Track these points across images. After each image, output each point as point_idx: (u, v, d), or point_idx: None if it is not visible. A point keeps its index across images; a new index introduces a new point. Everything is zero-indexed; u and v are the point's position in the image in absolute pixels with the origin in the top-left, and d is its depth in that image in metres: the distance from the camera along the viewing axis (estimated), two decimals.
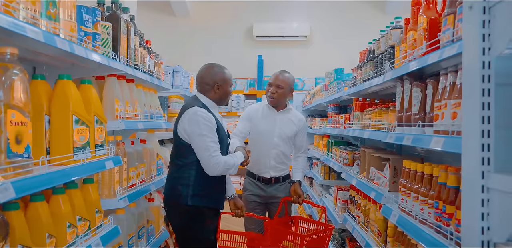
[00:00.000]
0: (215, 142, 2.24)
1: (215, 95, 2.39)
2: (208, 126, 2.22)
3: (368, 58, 2.57)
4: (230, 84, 2.44)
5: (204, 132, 2.20)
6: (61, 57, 1.76)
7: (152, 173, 2.84)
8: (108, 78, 2.15)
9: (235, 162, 2.33)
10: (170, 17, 8.00)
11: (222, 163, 2.22)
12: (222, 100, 2.45)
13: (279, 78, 2.94)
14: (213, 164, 2.21)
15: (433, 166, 1.59)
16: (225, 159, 2.26)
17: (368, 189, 2.32)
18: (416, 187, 1.66)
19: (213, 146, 2.22)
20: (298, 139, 3.06)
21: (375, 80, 2.28)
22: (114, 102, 2.12)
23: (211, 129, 2.23)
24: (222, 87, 2.38)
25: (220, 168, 2.23)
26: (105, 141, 1.96)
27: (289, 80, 2.96)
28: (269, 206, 3.10)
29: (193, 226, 2.31)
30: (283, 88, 2.91)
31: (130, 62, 2.32)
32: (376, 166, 2.45)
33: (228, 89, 2.42)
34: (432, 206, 1.49)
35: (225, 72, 2.43)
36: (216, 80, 2.36)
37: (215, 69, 2.40)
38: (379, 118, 2.32)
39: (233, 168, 2.31)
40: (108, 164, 1.88)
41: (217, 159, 2.21)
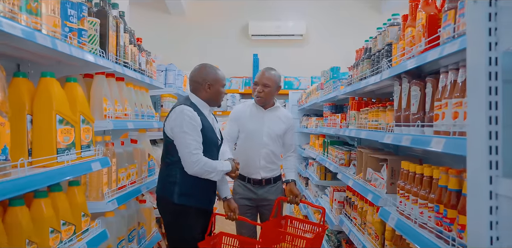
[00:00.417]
0: (197, 141, 2.23)
1: (206, 94, 2.39)
2: (192, 124, 2.22)
3: (365, 56, 2.51)
4: (222, 84, 2.42)
5: (186, 130, 2.21)
6: (45, 54, 1.68)
7: (143, 174, 2.76)
8: (96, 76, 2.08)
9: (219, 167, 2.30)
10: (165, 15, 7.92)
11: (201, 163, 2.22)
12: (213, 100, 2.43)
13: (265, 76, 2.85)
14: (191, 161, 2.21)
15: (433, 168, 1.53)
16: (206, 160, 2.25)
17: (365, 191, 2.26)
18: (415, 190, 1.60)
19: (193, 144, 2.21)
20: (287, 137, 2.99)
21: (372, 79, 2.22)
22: (102, 101, 2.04)
23: (194, 127, 2.23)
24: (213, 86, 2.38)
25: (199, 167, 2.22)
26: (92, 142, 1.88)
27: (275, 77, 2.88)
28: (261, 209, 3.02)
29: (179, 224, 2.33)
30: (269, 86, 2.84)
31: (120, 59, 2.24)
32: (373, 167, 2.39)
33: (219, 89, 2.40)
34: (432, 209, 1.43)
35: (217, 72, 2.42)
36: (207, 79, 2.37)
37: (207, 69, 2.40)
38: (376, 117, 2.26)
39: (216, 173, 2.28)
40: (95, 165, 1.81)
41: (196, 157, 2.21)
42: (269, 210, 3.02)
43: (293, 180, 2.93)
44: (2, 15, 1.17)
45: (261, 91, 2.85)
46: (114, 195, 2.21)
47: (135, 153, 2.65)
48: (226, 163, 2.39)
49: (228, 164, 2.39)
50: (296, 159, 3.09)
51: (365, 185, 2.35)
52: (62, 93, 1.61)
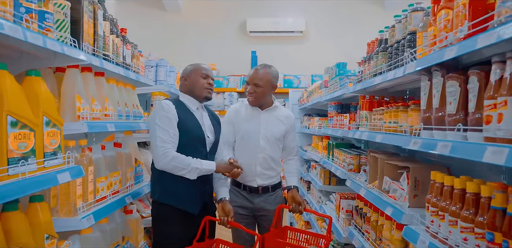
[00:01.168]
0: (168, 134, 2.17)
1: (185, 88, 2.37)
2: (166, 117, 2.18)
3: (380, 49, 2.20)
4: (200, 74, 2.35)
5: (158, 122, 2.17)
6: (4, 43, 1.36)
7: (129, 182, 2.45)
8: (68, 70, 1.76)
9: (194, 164, 2.18)
10: (160, 13, 7.61)
11: (168, 157, 2.14)
12: (194, 92, 2.35)
13: (257, 75, 2.52)
14: (157, 155, 2.15)
15: (478, 183, 1.23)
16: (176, 155, 2.16)
17: (383, 203, 1.96)
18: (454, 209, 1.30)
19: (162, 137, 2.15)
20: (288, 139, 2.68)
21: (390, 74, 1.91)
22: (75, 99, 1.73)
23: (167, 120, 2.17)
24: (190, 77, 2.35)
25: (166, 161, 2.14)
26: (61, 148, 1.57)
27: (269, 75, 2.54)
28: (258, 219, 2.72)
29: (158, 224, 2.32)
30: (261, 86, 2.51)
31: (98, 51, 1.93)
32: (390, 175, 2.08)
33: (196, 78, 2.34)
34: (482, 237, 1.13)
35: (196, 65, 2.40)
36: (185, 73, 2.38)
37: (188, 66, 2.42)
38: (395, 118, 1.95)
39: (189, 170, 2.18)
40: (63, 177, 1.50)
41: (162, 150, 2.14)
42: (268, 221, 2.71)
43: (296, 187, 2.63)
44: None
45: (252, 92, 2.53)
46: (91, 209, 1.89)
47: (119, 159, 2.34)
48: (207, 163, 2.25)
49: (211, 164, 2.27)
50: (298, 163, 2.79)
51: (381, 196, 2.05)
52: (16, 89, 1.30)
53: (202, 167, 2.20)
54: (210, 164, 2.26)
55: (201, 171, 2.21)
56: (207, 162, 2.26)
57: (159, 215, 2.32)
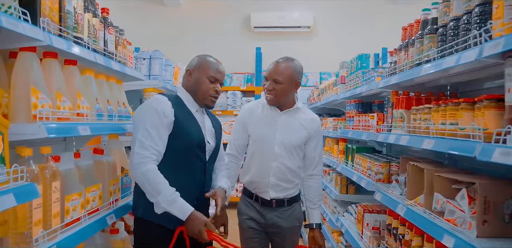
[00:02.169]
0: (152, 138, 1.75)
1: (188, 83, 1.94)
2: (155, 115, 1.76)
3: (425, 32, 1.74)
4: (208, 76, 1.91)
5: (143, 121, 1.77)
6: None
7: (112, 197, 2.00)
8: (21, 53, 1.31)
9: (164, 196, 1.70)
10: (158, 7, 7.20)
11: (141, 169, 1.72)
12: (196, 94, 1.92)
13: (278, 69, 2.14)
14: (131, 161, 1.76)
15: None
16: (151, 169, 1.72)
17: (436, 230, 1.50)
18: None
19: (142, 142, 1.74)
20: (309, 146, 2.25)
21: (448, 60, 1.46)
22: (29, 93, 1.28)
23: (155, 120, 1.76)
24: (196, 73, 1.92)
25: (137, 173, 1.74)
26: (4, 160, 1.13)
27: (292, 70, 2.15)
28: (271, 236, 2.30)
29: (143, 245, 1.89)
30: (282, 83, 2.12)
31: (66, 32, 1.48)
32: (443, 191, 1.63)
33: (202, 79, 1.91)
34: None
35: (208, 61, 1.96)
36: (191, 66, 1.96)
37: (197, 57, 2.00)
38: (453, 119, 1.49)
39: (156, 200, 1.72)
40: (2, 201, 1.05)
41: (138, 159, 1.73)
42: (282, 239, 2.30)
43: (318, 225, 2.26)
44: None
45: (271, 89, 2.14)
46: (56, 237, 1.44)
47: (99, 169, 1.89)
48: (183, 206, 1.72)
49: (185, 209, 1.72)
50: (320, 185, 2.35)
51: (432, 219, 1.59)
52: None
53: (171, 207, 1.71)
54: (184, 209, 1.73)
55: (168, 210, 1.73)
56: (182, 204, 1.73)
57: (144, 235, 1.89)
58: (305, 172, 2.32)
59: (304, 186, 2.34)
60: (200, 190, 1.93)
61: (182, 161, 1.84)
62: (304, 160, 2.28)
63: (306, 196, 2.32)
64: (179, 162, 1.83)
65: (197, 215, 1.75)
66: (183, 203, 1.74)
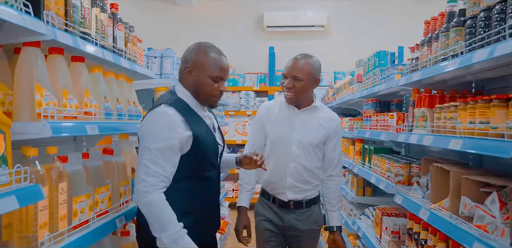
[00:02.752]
0: (159, 164, 1.54)
1: (187, 83, 1.69)
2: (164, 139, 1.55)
3: (452, 24, 1.64)
4: (211, 76, 1.66)
5: (149, 144, 1.55)
6: None
7: (122, 198, 1.93)
8: (24, 48, 1.26)
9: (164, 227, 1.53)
10: (170, 7, 7.19)
11: (147, 199, 1.54)
12: (198, 95, 1.69)
13: (297, 66, 2.06)
14: (136, 189, 1.56)
15: None
16: (158, 200, 1.54)
17: (465, 237, 1.39)
18: None
19: (148, 167, 1.54)
20: (328, 146, 2.18)
21: (479, 54, 1.35)
22: (34, 90, 1.22)
23: (162, 141, 1.55)
24: (197, 71, 1.67)
25: (143, 202, 1.55)
26: (6, 160, 1.07)
27: (311, 67, 2.07)
28: (289, 240, 2.23)
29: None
30: (302, 80, 2.05)
31: (72, 27, 1.42)
32: (470, 194, 1.52)
33: (204, 79, 1.66)
34: None
35: (206, 54, 1.68)
36: (188, 59, 1.68)
37: (195, 48, 1.71)
38: (483, 117, 1.39)
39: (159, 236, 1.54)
40: (4, 204, 0.99)
41: (144, 187, 1.53)
42: (299, 243, 2.23)
43: (339, 228, 2.18)
44: None
45: (291, 87, 2.06)
46: (63, 241, 1.38)
47: (108, 169, 1.83)
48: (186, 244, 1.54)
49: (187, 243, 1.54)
50: (339, 187, 2.26)
51: (459, 224, 1.48)
52: None
53: (176, 246, 1.54)
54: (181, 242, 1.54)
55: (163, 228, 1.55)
56: (188, 244, 1.55)
57: None
58: (324, 173, 2.23)
59: (323, 187, 2.26)
60: (217, 199, 1.84)
61: (200, 174, 1.70)
62: (323, 160, 2.20)
63: (326, 198, 2.24)
64: (196, 176, 1.69)
65: None
66: (189, 242, 1.56)
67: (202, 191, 1.70)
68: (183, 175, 1.63)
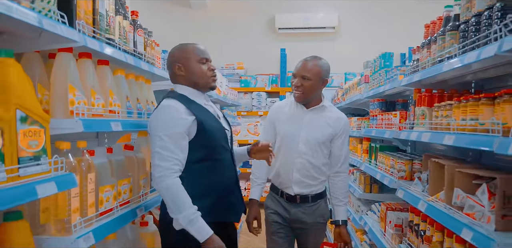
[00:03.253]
0: (169, 149, 1.69)
1: (182, 79, 1.87)
2: (170, 124, 1.71)
3: (447, 28, 1.76)
4: (197, 59, 1.86)
5: (159, 132, 1.71)
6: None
7: (142, 190, 2.10)
8: (59, 54, 1.42)
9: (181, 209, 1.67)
10: (185, 10, 7.37)
11: (164, 184, 1.69)
12: (196, 83, 1.87)
13: (306, 66, 2.21)
14: (153, 175, 1.72)
15: None
16: (174, 184, 1.68)
17: (455, 224, 1.52)
18: None
19: (160, 153, 1.69)
20: (335, 144, 2.29)
21: (469, 56, 1.47)
22: (67, 91, 1.39)
23: (171, 129, 1.71)
24: (184, 64, 1.85)
25: (160, 186, 1.70)
26: (46, 152, 1.23)
27: (319, 68, 2.21)
28: (296, 232, 2.36)
29: None
30: (310, 79, 2.19)
31: (99, 34, 1.59)
32: (463, 187, 1.64)
33: (194, 65, 1.85)
34: None
35: (185, 46, 1.90)
36: (175, 60, 1.86)
37: (173, 49, 1.92)
38: (473, 114, 1.51)
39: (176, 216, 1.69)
40: (45, 188, 1.15)
41: (159, 172, 1.69)
42: (306, 236, 2.35)
43: (345, 222, 2.30)
44: None
45: (299, 85, 2.21)
46: (91, 225, 1.55)
47: (129, 163, 1.99)
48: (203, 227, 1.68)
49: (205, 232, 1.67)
50: (346, 183, 2.37)
51: (452, 213, 1.61)
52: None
53: (191, 227, 1.67)
54: (203, 231, 1.68)
55: (186, 229, 1.69)
56: (202, 226, 1.68)
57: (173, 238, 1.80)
58: (331, 170, 2.34)
59: (330, 183, 2.37)
60: (235, 180, 1.95)
61: (213, 157, 1.83)
62: (330, 158, 2.31)
63: (332, 194, 2.35)
64: (210, 159, 1.83)
65: (215, 239, 1.70)
66: (203, 225, 1.69)
67: (217, 173, 1.83)
68: (196, 158, 1.78)
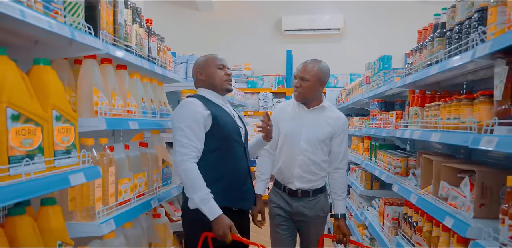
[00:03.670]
0: (188, 137, 1.95)
1: (203, 83, 2.17)
2: (189, 117, 1.96)
3: (435, 35, 1.92)
4: (215, 66, 2.15)
5: (179, 123, 1.97)
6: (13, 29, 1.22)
7: (155, 184, 2.28)
8: (85, 60, 1.61)
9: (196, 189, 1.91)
10: (193, 12, 7.56)
11: (182, 167, 1.93)
12: (214, 85, 2.15)
13: (305, 68, 2.38)
14: (175, 160, 1.98)
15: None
16: (192, 168, 1.93)
17: (440, 213, 1.67)
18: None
19: (180, 141, 1.95)
20: (334, 142, 2.45)
21: (452, 61, 1.63)
22: (92, 93, 1.57)
23: (190, 121, 1.96)
24: (205, 70, 2.15)
25: (179, 169, 1.95)
26: (75, 146, 1.42)
27: (318, 70, 2.37)
28: (298, 225, 2.52)
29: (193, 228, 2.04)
30: (308, 80, 2.35)
31: (119, 41, 1.77)
32: (448, 179, 1.79)
33: (212, 70, 2.14)
34: None
35: (206, 56, 2.22)
36: (197, 67, 2.18)
37: (197, 60, 2.24)
38: (456, 114, 1.67)
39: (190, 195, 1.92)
40: (75, 178, 1.34)
41: (180, 157, 1.93)
42: (307, 228, 2.51)
43: (343, 215, 2.45)
44: None
45: (298, 86, 2.38)
46: (112, 213, 1.73)
47: (144, 159, 2.18)
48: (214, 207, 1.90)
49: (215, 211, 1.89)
50: (344, 178, 2.52)
51: (438, 204, 1.76)
52: (19, 77, 1.14)
53: (203, 206, 1.89)
54: (214, 211, 1.89)
55: (199, 208, 1.91)
56: (213, 206, 1.90)
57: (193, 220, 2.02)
58: (331, 166, 2.49)
59: (330, 179, 2.53)
60: (247, 172, 2.17)
61: (227, 148, 2.06)
62: (330, 155, 2.47)
63: (332, 189, 2.51)
64: (224, 149, 2.05)
65: (224, 218, 1.89)
66: (214, 205, 1.90)
67: (229, 163, 2.06)
68: (211, 148, 2.01)
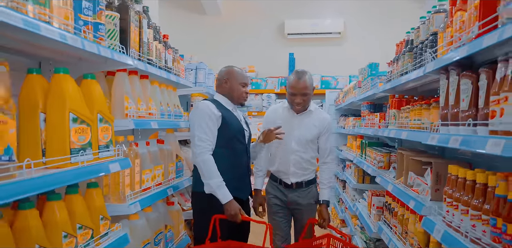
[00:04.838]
0: (206, 133, 2.29)
1: (224, 89, 2.50)
2: (205, 116, 2.30)
3: (406, 49, 2.28)
4: (239, 81, 2.48)
5: (197, 121, 2.30)
6: (60, 50, 1.60)
7: (170, 176, 2.67)
8: (118, 73, 1.99)
9: (214, 182, 2.26)
10: (200, 16, 7.92)
11: (200, 158, 2.27)
12: (232, 97, 2.50)
13: (305, 85, 2.62)
14: (193, 151, 2.32)
15: (487, 174, 1.31)
16: (209, 159, 2.27)
17: (406, 197, 2.04)
18: (466, 199, 1.38)
19: (199, 136, 2.28)
20: (321, 140, 2.80)
21: (414, 73, 2.00)
22: (123, 99, 1.95)
23: (206, 120, 2.30)
24: (230, 80, 2.48)
25: (199, 160, 2.28)
26: (112, 142, 1.80)
27: (311, 81, 2.68)
28: (293, 212, 2.89)
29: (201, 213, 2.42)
30: (309, 94, 2.67)
31: (143, 56, 2.15)
32: (415, 171, 2.16)
33: (236, 85, 2.48)
34: (487, 223, 1.22)
35: (237, 70, 2.52)
36: (225, 75, 2.51)
37: (228, 68, 2.55)
38: (419, 116, 2.03)
39: (206, 182, 2.28)
40: (113, 166, 1.72)
41: (199, 149, 2.28)
42: (301, 215, 2.87)
43: (326, 202, 2.78)
44: (3, 5, 1.08)
45: (301, 102, 2.67)
46: (137, 197, 2.12)
47: (161, 154, 2.56)
48: (225, 193, 2.28)
49: (227, 196, 2.28)
50: (332, 170, 2.88)
51: (406, 190, 2.13)
52: (76, 90, 1.53)
53: (218, 191, 2.26)
54: (227, 195, 2.28)
55: (214, 192, 2.28)
56: (226, 191, 2.28)
57: (202, 206, 2.42)
58: (320, 160, 2.86)
59: (320, 170, 2.89)
60: (246, 168, 2.55)
61: (231, 145, 2.40)
62: (318, 151, 2.84)
63: (320, 179, 2.87)
64: (229, 146, 2.39)
65: (235, 202, 2.29)
66: (227, 191, 2.28)
67: (232, 159, 2.43)
68: (218, 145, 2.37)
